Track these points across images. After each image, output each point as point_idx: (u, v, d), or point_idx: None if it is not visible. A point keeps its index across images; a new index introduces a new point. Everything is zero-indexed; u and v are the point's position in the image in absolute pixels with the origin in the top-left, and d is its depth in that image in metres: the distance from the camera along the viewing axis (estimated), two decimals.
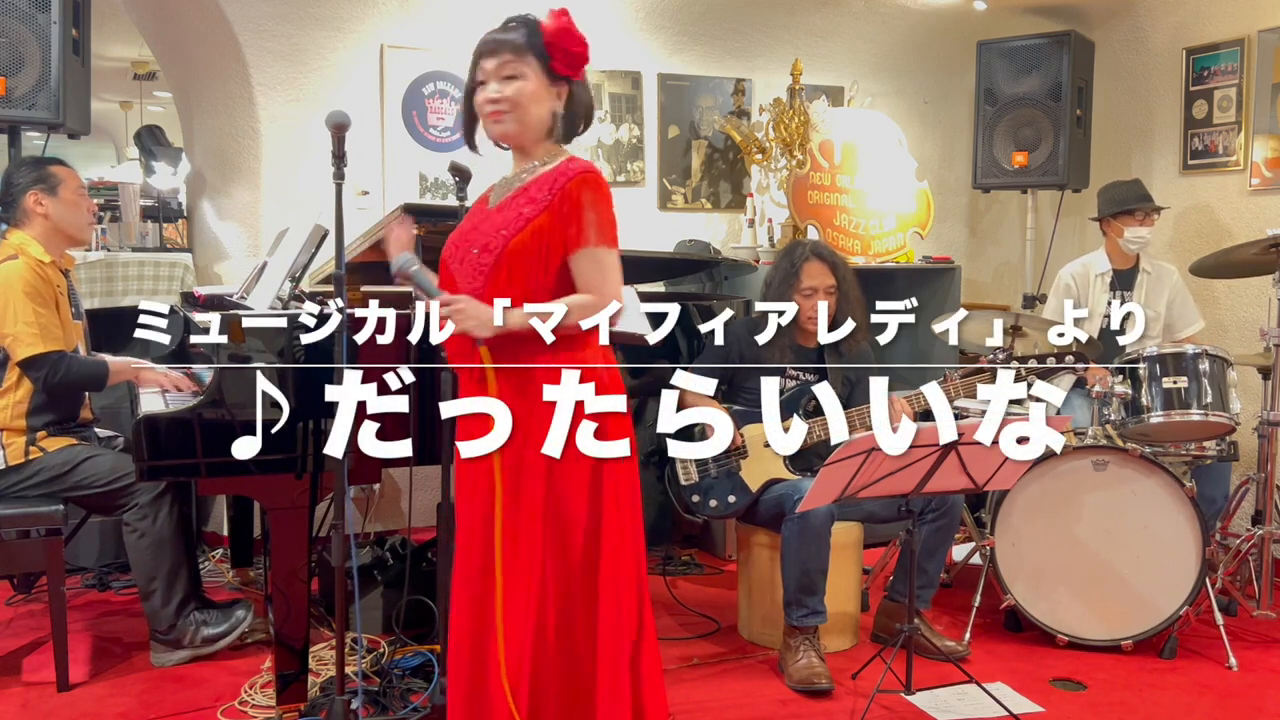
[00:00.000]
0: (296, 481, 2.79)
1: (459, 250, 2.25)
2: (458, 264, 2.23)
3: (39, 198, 3.29)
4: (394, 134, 4.60)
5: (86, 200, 3.42)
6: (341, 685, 2.58)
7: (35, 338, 3.13)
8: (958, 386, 3.29)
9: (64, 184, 3.34)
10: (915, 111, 5.64)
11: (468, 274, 2.21)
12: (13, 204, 3.31)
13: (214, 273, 4.64)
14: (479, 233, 2.23)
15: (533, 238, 2.17)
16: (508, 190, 2.27)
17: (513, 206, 2.22)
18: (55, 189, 3.32)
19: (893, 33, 5.42)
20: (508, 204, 2.23)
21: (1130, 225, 4.14)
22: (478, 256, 2.20)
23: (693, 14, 5.02)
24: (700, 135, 5.22)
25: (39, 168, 3.35)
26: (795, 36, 5.26)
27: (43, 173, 3.33)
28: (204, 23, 4.39)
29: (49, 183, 3.32)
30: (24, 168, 3.39)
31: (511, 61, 2.20)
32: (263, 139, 4.45)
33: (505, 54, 2.21)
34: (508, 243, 2.17)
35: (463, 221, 2.33)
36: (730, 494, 3.36)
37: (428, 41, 4.62)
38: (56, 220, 3.31)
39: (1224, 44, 4.71)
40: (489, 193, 2.33)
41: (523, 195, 2.22)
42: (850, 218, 4.98)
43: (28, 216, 3.30)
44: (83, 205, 3.39)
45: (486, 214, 2.27)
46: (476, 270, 2.20)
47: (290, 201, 4.39)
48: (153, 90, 8.20)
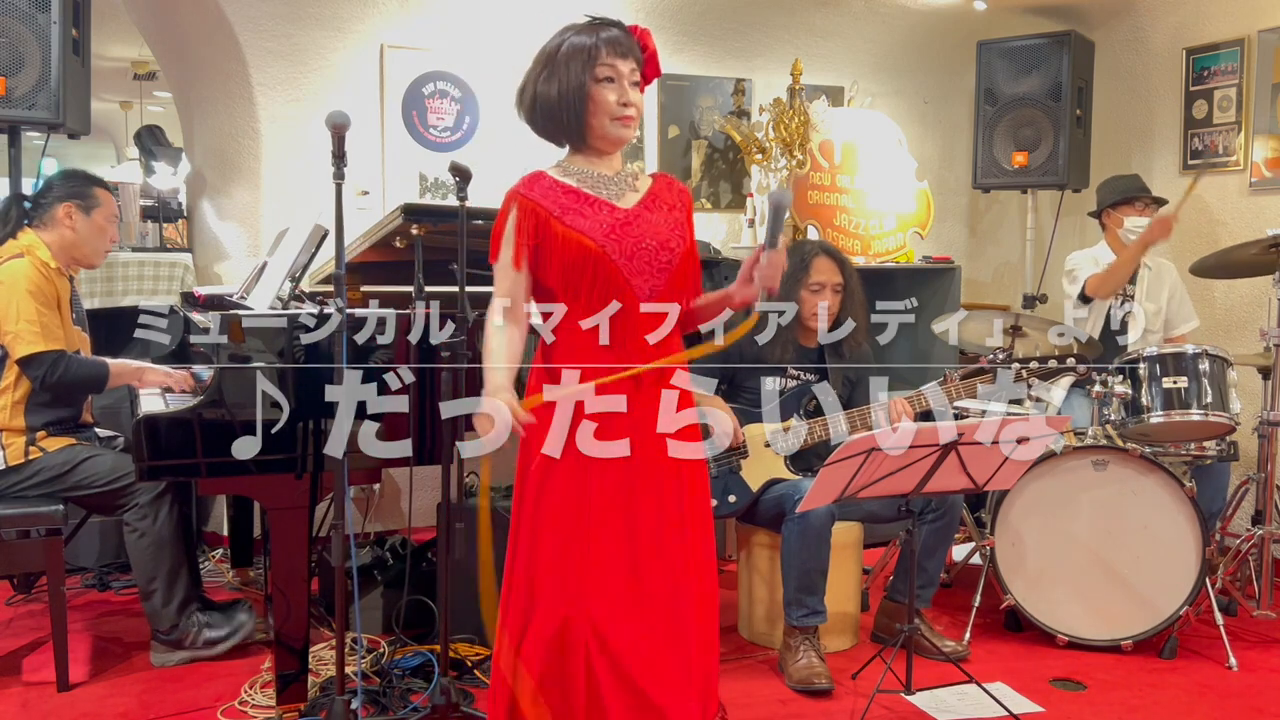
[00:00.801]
0: (296, 481, 2.80)
1: (621, 245, 2.18)
2: (626, 259, 2.18)
3: (71, 211, 3.31)
4: (394, 134, 4.60)
5: (113, 230, 3.44)
6: (341, 685, 2.58)
7: (36, 336, 3.13)
8: (958, 386, 3.29)
9: (100, 208, 3.37)
10: (915, 111, 5.65)
11: (643, 269, 2.19)
12: (44, 207, 3.32)
13: (214, 273, 4.64)
14: (638, 229, 2.20)
15: (694, 240, 2.30)
16: (621, 189, 2.25)
17: (657, 208, 2.25)
18: (90, 210, 3.35)
19: (893, 33, 5.42)
20: (650, 204, 2.25)
21: (1130, 215, 4.16)
22: (655, 253, 2.20)
23: (693, 14, 5.02)
24: (700, 135, 5.22)
25: (84, 183, 3.38)
26: (795, 36, 5.26)
27: (85, 190, 3.36)
28: (204, 23, 4.39)
29: (87, 201, 3.34)
30: (71, 178, 3.40)
31: (636, 69, 2.22)
32: (263, 139, 4.45)
33: (632, 60, 2.21)
34: (686, 243, 2.26)
35: (583, 218, 2.19)
36: (730, 494, 3.36)
37: (428, 41, 4.62)
38: (79, 238, 3.33)
39: (1224, 44, 4.71)
40: (576, 185, 2.22)
41: (657, 198, 2.27)
42: (850, 218, 4.98)
43: (54, 224, 3.31)
44: (107, 234, 3.41)
45: (621, 212, 2.21)
46: (658, 267, 2.21)
47: (290, 201, 4.39)
48: (153, 90, 8.21)
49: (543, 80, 2.21)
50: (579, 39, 2.19)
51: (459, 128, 4.69)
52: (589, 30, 2.20)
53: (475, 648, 3.28)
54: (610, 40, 2.18)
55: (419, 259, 3.00)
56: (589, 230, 2.17)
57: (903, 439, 2.65)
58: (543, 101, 2.21)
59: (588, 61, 2.17)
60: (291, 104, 4.46)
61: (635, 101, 2.21)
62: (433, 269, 3.02)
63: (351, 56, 4.53)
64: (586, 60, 2.17)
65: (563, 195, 2.21)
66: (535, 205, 2.19)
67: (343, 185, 2.46)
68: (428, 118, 4.65)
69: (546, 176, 2.24)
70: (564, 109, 2.19)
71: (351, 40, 4.52)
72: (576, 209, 2.19)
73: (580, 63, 2.17)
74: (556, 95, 2.19)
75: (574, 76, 2.17)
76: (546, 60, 2.21)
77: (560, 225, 2.17)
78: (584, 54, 2.17)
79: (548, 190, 2.21)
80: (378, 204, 4.49)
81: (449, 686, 2.76)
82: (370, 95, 4.56)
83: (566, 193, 2.21)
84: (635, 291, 2.18)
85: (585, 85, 2.17)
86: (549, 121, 2.23)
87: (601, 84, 2.18)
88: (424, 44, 4.62)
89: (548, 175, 2.24)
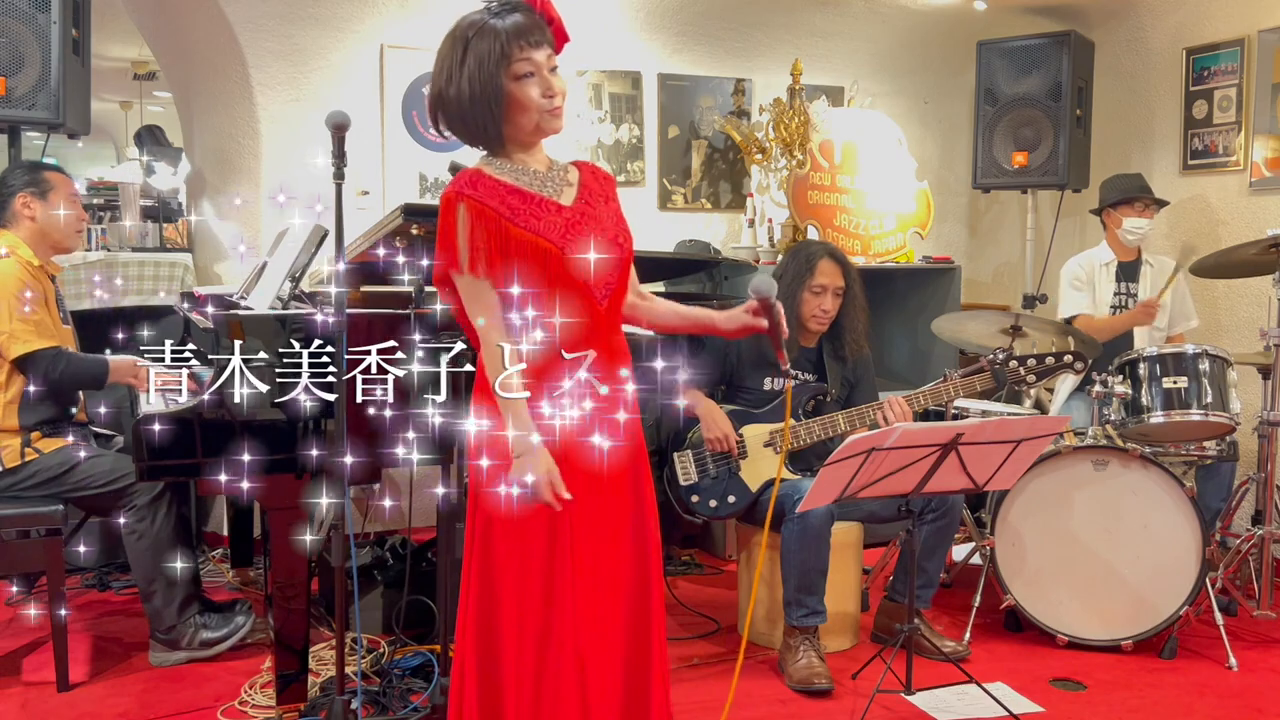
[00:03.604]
0: (296, 481, 2.79)
1: (576, 246, 2.02)
2: (584, 260, 2.03)
3: (27, 200, 3.30)
4: (394, 134, 4.60)
5: (77, 209, 3.41)
6: (341, 685, 2.58)
7: (31, 334, 3.13)
8: (958, 386, 3.29)
9: (55, 190, 3.34)
10: (915, 111, 5.64)
11: (599, 268, 2.04)
12: (3, 206, 3.32)
13: (214, 273, 4.64)
14: (586, 227, 2.05)
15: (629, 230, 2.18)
16: (559, 185, 2.10)
17: (595, 201, 2.11)
18: (46, 194, 3.32)
19: (893, 33, 5.42)
20: (587, 199, 2.11)
21: (1129, 215, 4.17)
22: (607, 250, 2.06)
23: (693, 14, 5.02)
24: (700, 135, 5.22)
25: (33, 171, 3.36)
26: (795, 36, 5.26)
27: (35, 176, 3.34)
28: (204, 23, 4.39)
29: (40, 187, 3.32)
30: (19, 169, 3.39)
31: (551, 54, 2.04)
32: (263, 139, 4.45)
33: (547, 46, 2.02)
34: (628, 237, 2.15)
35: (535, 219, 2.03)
36: (730, 494, 3.36)
37: (428, 41, 4.56)
38: (42, 225, 3.32)
39: (1224, 44, 4.71)
40: (516, 184, 2.05)
41: (590, 191, 2.13)
42: (850, 218, 4.98)
43: (15, 218, 3.31)
44: (72, 213, 3.38)
45: (567, 210, 2.07)
46: (610, 265, 2.07)
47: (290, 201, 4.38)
48: (153, 90, 8.21)
49: (451, 85, 2.02)
50: (483, 40, 1.99)
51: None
52: (491, 24, 1.99)
53: None
54: (518, 31, 1.98)
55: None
56: (545, 232, 2.01)
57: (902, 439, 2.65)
58: (456, 109, 2.03)
59: (500, 61, 1.98)
60: (291, 104, 4.46)
61: (560, 89, 2.03)
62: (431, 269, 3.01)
63: (351, 56, 4.53)
64: (499, 59, 1.98)
65: (508, 195, 2.02)
66: (484, 206, 2.00)
67: (343, 185, 2.46)
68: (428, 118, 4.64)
69: (486, 175, 2.05)
70: (481, 114, 2.01)
71: (351, 40, 4.52)
72: (526, 210, 2.02)
73: (492, 63, 1.98)
74: (469, 101, 2.00)
75: (488, 79, 1.98)
76: (450, 66, 2.02)
77: (515, 229, 2.00)
78: (494, 54, 1.98)
79: (492, 190, 2.02)
80: (378, 204, 4.49)
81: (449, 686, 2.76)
82: (370, 95, 4.56)
83: (511, 193, 2.03)
84: (594, 292, 2.04)
85: (502, 86, 1.98)
86: (466, 128, 2.06)
87: (521, 81, 2.00)
88: (424, 44, 4.61)
89: (486, 174, 2.05)
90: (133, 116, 8.86)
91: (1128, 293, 4.25)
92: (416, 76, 4.61)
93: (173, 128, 5.59)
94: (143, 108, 8.71)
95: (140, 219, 4.90)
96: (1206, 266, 3.91)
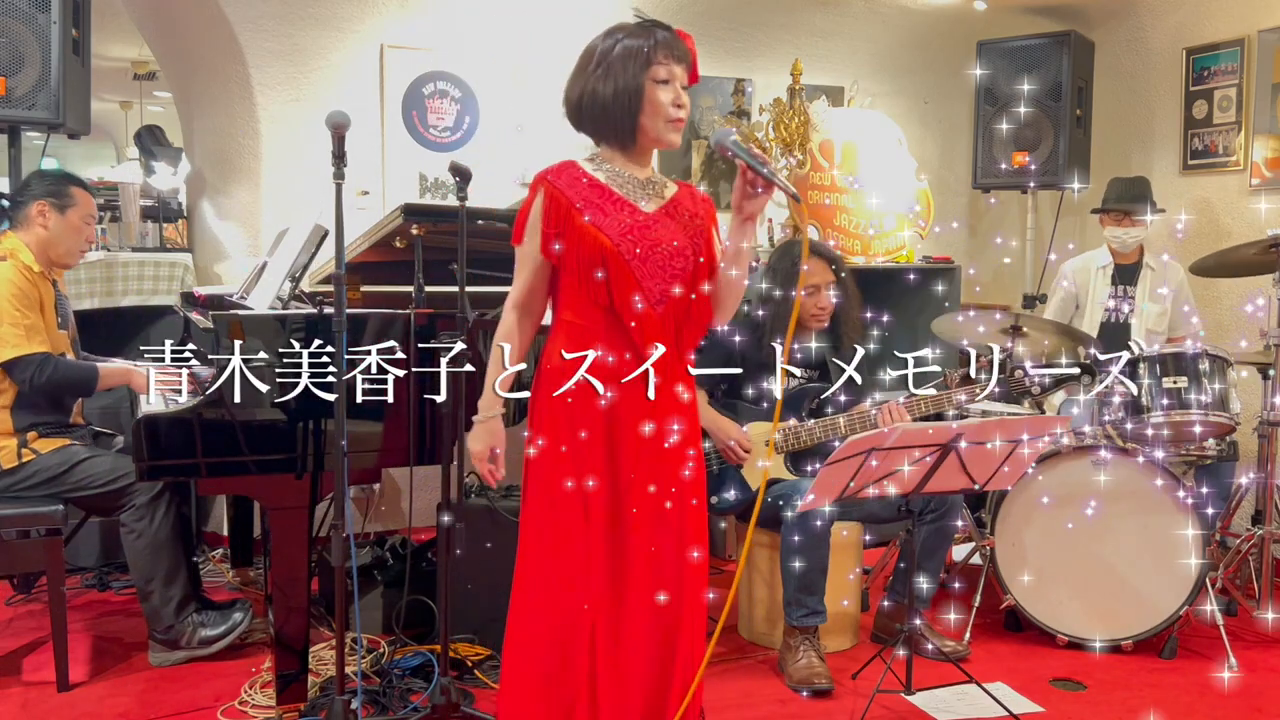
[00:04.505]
0: (296, 481, 2.79)
1: (640, 244, 2.19)
2: (640, 261, 2.18)
3: (44, 209, 3.30)
4: (394, 134, 4.60)
5: (89, 230, 3.42)
6: (341, 685, 2.58)
7: (20, 339, 3.13)
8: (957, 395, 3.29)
9: (75, 207, 3.34)
10: (915, 111, 5.64)
11: (655, 273, 2.19)
12: (20, 206, 3.32)
13: (214, 273, 4.64)
14: (655, 233, 2.20)
15: (714, 250, 2.30)
16: (648, 193, 2.25)
17: (678, 216, 2.25)
18: (64, 209, 3.33)
19: (893, 33, 5.42)
20: (671, 211, 2.25)
21: (1107, 224, 4.23)
22: (670, 258, 2.20)
23: (693, 14, 5.02)
24: (700, 135, 5.21)
25: (59, 183, 3.36)
26: (795, 36, 5.26)
27: (60, 189, 3.34)
28: (204, 23, 4.39)
29: (61, 200, 3.32)
30: (45, 177, 3.40)
31: (685, 74, 2.22)
32: (263, 139, 4.45)
33: (683, 65, 2.21)
34: (705, 253, 2.25)
35: (603, 215, 2.20)
36: (730, 489, 3.36)
37: (428, 41, 4.62)
38: (52, 236, 3.32)
39: (1224, 44, 4.71)
40: (605, 182, 2.23)
41: (679, 206, 2.27)
42: (850, 218, 4.98)
43: (28, 222, 3.30)
44: (83, 234, 3.38)
45: (642, 215, 2.22)
46: (671, 272, 2.21)
47: (290, 201, 4.39)
48: (153, 90, 8.21)
49: (596, 78, 2.19)
50: (634, 40, 2.18)
51: (459, 128, 4.69)
52: (643, 31, 2.20)
53: (475, 648, 3.27)
54: (665, 43, 2.19)
55: (419, 259, 3.00)
56: (606, 228, 2.18)
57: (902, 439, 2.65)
58: (596, 99, 2.20)
59: (645, 62, 2.17)
60: (291, 104, 4.46)
61: (686, 103, 2.21)
62: (433, 269, 3.02)
63: (351, 56, 4.53)
64: (644, 61, 2.17)
65: (587, 189, 2.21)
66: (560, 193, 2.20)
67: (343, 185, 2.46)
68: (428, 118, 4.65)
69: (576, 167, 2.24)
70: (618, 108, 2.18)
71: (351, 40, 4.52)
72: (598, 204, 2.20)
73: (637, 63, 2.17)
74: (611, 94, 2.18)
75: (630, 76, 2.16)
76: (600, 59, 2.20)
77: (579, 218, 2.18)
78: (640, 55, 2.17)
79: (574, 181, 2.22)
80: (378, 204, 4.48)
81: (449, 686, 2.76)
82: (370, 95, 4.55)
83: (592, 187, 2.22)
84: (646, 294, 2.18)
85: (642, 85, 2.17)
86: (599, 120, 2.22)
87: (658, 85, 2.18)
88: (424, 44, 4.62)
89: (578, 166, 2.25)
90: (133, 116, 8.87)
91: (1124, 295, 4.25)
92: (416, 76, 4.61)
93: (173, 128, 5.58)
94: (143, 108, 8.71)
95: (140, 219, 4.90)
96: (1207, 266, 3.92)
